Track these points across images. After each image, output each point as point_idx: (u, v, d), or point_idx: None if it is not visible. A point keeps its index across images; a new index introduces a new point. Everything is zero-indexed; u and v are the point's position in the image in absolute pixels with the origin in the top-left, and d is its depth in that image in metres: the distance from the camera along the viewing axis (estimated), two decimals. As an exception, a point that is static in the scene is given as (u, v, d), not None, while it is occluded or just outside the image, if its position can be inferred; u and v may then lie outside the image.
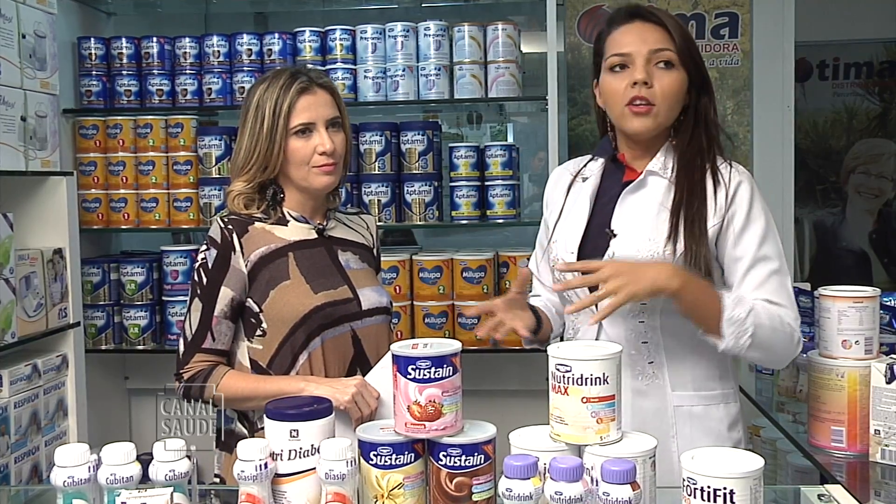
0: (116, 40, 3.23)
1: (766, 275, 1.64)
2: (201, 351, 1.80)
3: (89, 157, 3.20)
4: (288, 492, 1.33)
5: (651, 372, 1.69)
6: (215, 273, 1.80)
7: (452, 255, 3.10)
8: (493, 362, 3.20)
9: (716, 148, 1.71)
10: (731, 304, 1.58)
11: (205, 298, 1.80)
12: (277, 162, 1.82)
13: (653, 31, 1.68)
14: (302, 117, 1.81)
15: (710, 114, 1.72)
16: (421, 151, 3.09)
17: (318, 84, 1.84)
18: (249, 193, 1.85)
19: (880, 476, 1.79)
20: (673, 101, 1.67)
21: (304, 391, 1.69)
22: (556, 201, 1.86)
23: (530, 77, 3.25)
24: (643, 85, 1.65)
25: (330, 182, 1.84)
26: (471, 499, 1.29)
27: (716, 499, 1.17)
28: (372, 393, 1.69)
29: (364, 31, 3.14)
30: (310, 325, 1.79)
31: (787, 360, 1.72)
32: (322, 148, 1.80)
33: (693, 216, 1.64)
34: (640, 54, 1.66)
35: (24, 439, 2.43)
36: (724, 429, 1.70)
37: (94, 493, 1.31)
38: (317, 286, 1.81)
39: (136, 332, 3.20)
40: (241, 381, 1.78)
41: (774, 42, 3.46)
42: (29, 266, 2.51)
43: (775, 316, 1.61)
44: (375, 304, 1.89)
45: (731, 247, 1.65)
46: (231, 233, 1.81)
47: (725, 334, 1.58)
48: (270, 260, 1.81)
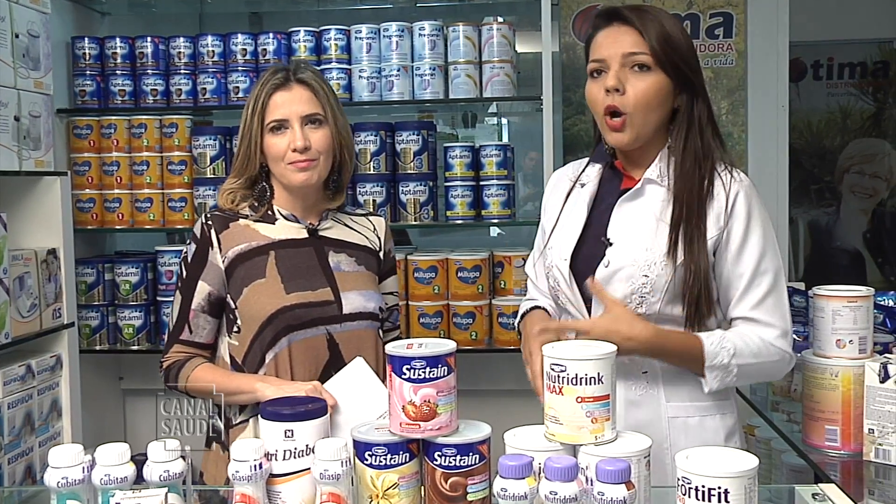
0: (111, 40, 3.23)
1: (762, 294, 1.63)
2: (179, 342, 1.85)
3: (83, 157, 3.19)
4: (283, 492, 1.32)
5: (645, 383, 1.67)
6: (193, 267, 1.85)
7: (447, 255, 3.10)
8: (488, 362, 3.20)
9: (714, 153, 1.67)
10: (711, 352, 1.59)
11: (184, 291, 1.85)
12: (256, 158, 1.85)
13: (627, 33, 1.63)
14: (275, 114, 1.82)
15: (702, 117, 1.66)
16: (416, 151, 3.09)
17: (296, 79, 1.84)
18: (238, 190, 1.88)
19: (874, 475, 1.79)
20: (648, 107, 1.62)
21: (258, 392, 1.72)
22: (554, 206, 1.82)
23: (525, 77, 3.25)
24: (615, 92, 1.61)
25: (306, 178, 1.83)
26: (466, 499, 1.28)
27: (710, 498, 1.17)
28: (326, 400, 1.64)
29: (359, 31, 3.14)
30: (276, 325, 1.79)
31: (779, 377, 1.76)
32: (294, 144, 1.81)
33: (692, 232, 1.61)
34: (615, 59, 1.62)
35: (17, 440, 2.42)
36: (720, 440, 1.68)
37: (89, 494, 1.30)
38: (291, 286, 1.82)
39: (131, 332, 3.19)
40: (207, 374, 1.81)
41: (769, 42, 3.46)
42: (23, 266, 2.50)
43: (761, 346, 1.62)
44: (359, 309, 1.86)
45: (731, 262, 1.64)
46: (210, 228, 1.85)
47: (709, 379, 1.60)
48: (248, 257, 1.83)
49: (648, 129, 1.65)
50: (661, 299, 1.62)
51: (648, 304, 1.63)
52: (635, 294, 1.63)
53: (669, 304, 1.63)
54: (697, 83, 1.67)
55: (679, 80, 1.64)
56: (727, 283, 1.65)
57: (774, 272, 1.64)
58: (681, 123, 1.67)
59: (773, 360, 1.63)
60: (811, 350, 1.97)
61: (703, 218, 1.63)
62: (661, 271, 1.61)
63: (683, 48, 1.64)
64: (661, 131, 1.69)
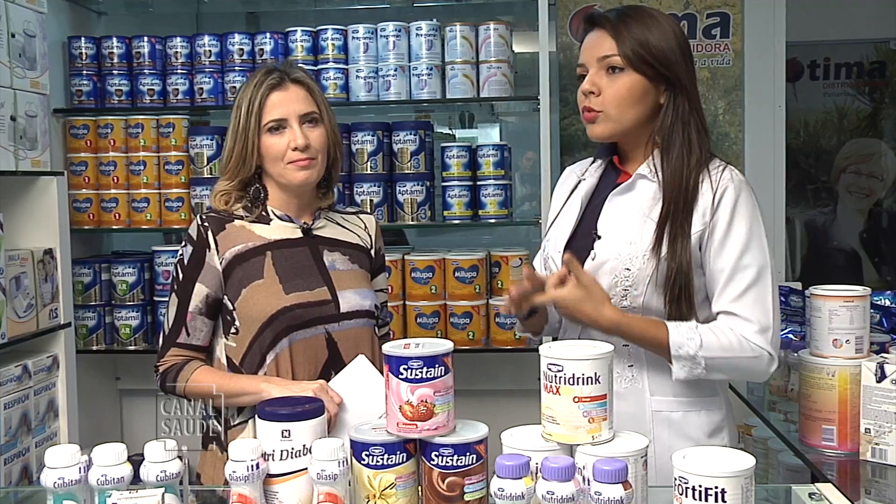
0: (107, 40, 3.22)
1: (742, 288, 1.63)
2: (176, 345, 1.83)
3: (80, 157, 3.19)
4: (280, 492, 1.32)
5: (630, 375, 1.69)
6: (190, 269, 1.83)
7: (444, 255, 3.10)
8: (485, 362, 3.20)
9: (702, 148, 1.69)
10: (677, 342, 1.60)
11: (180, 294, 1.83)
12: (253, 159, 1.84)
13: (601, 37, 1.69)
14: (273, 114, 1.82)
15: (684, 111, 1.68)
16: (413, 151, 3.09)
17: (291, 79, 1.85)
18: (231, 191, 1.87)
19: (871, 475, 1.79)
20: (623, 105, 1.67)
21: (263, 392, 1.71)
22: (559, 200, 1.88)
23: (522, 77, 3.25)
24: (590, 94, 1.69)
25: (307, 177, 1.84)
26: (463, 498, 1.28)
27: (707, 498, 1.17)
28: (333, 398, 1.67)
29: (356, 31, 3.14)
30: (277, 325, 1.79)
31: (760, 377, 1.72)
32: (294, 143, 1.81)
33: (676, 230, 1.64)
34: (591, 63, 1.70)
35: (14, 440, 2.42)
36: (702, 436, 1.68)
37: (85, 495, 1.30)
38: (290, 287, 1.81)
39: (128, 332, 3.19)
40: (208, 376, 1.79)
41: (766, 42, 3.47)
42: (19, 266, 2.50)
43: (734, 341, 1.61)
44: (356, 307, 1.87)
45: (713, 257, 1.65)
46: (206, 230, 1.83)
47: (675, 369, 1.62)
48: (246, 258, 1.82)
49: (626, 123, 1.69)
50: (644, 293, 1.65)
51: (632, 297, 1.66)
52: (619, 287, 1.66)
53: (653, 298, 1.66)
54: (678, 79, 1.68)
55: (657, 79, 1.68)
56: (710, 277, 1.67)
57: (758, 268, 1.64)
58: (664, 119, 1.70)
59: (746, 355, 1.62)
60: (808, 350, 1.98)
61: (689, 215, 1.65)
62: (643, 265, 1.64)
63: (660, 47, 1.67)
64: (649, 127, 1.72)
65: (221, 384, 1.75)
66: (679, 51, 1.69)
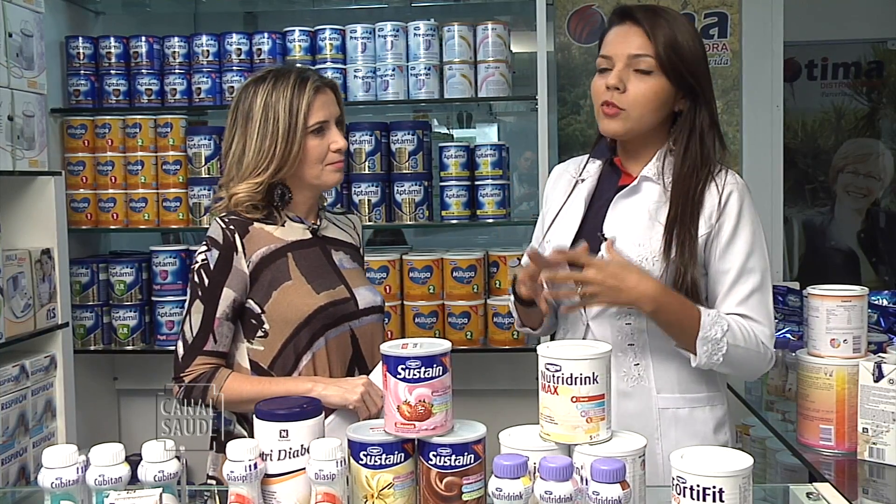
0: (105, 39, 3.22)
1: (749, 290, 1.66)
2: (203, 353, 1.76)
3: (78, 157, 3.19)
4: (278, 492, 1.32)
5: (636, 374, 1.69)
6: (217, 274, 1.78)
7: (442, 255, 3.09)
8: (483, 362, 3.20)
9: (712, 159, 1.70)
10: (708, 322, 1.60)
11: (206, 300, 1.77)
12: (295, 161, 1.81)
13: (636, 34, 1.66)
14: (318, 116, 1.82)
15: (704, 124, 1.69)
16: (411, 151, 3.09)
17: (325, 83, 1.86)
18: (256, 196, 1.82)
19: (868, 474, 1.79)
20: (646, 108, 1.66)
21: (313, 391, 1.69)
22: (554, 200, 1.85)
23: (520, 77, 3.25)
24: (615, 90, 1.66)
25: (340, 178, 1.88)
26: (461, 498, 1.28)
27: (705, 497, 1.17)
28: (377, 392, 1.68)
29: (354, 31, 3.14)
30: (313, 325, 1.79)
31: (757, 375, 1.76)
32: (336, 145, 1.83)
33: (684, 234, 1.64)
34: (620, 58, 1.67)
35: (11, 441, 2.42)
36: (709, 431, 1.71)
37: (83, 495, 1.30)
38: (318, 286, 1.82)
39: (126, 332, 3.19)
40: (245, 383, 1.75)
41: (763, 42, 3.47)
42: (17, 266, 2.50)
43: (750, 335, 1.64)
44: (371, 304, 1.90)
45: (719, 258, 1.67)
46: (233, 233, 1.79)
47: (699, 352, 1.61)
48: (272, 260, 1.80)
49: (643, 126, 1.69)
50: None
51: None
52: None
53: None
54: (701, 90, 1.69)
55: (682, 86, 1.68)
56: (714, 279, 1.68)
57: (761, 272, 1.67)
58: (682, 128, 1.70)
59: (758, 353, 1.65)
60: (806, 349, 1.98)
61: (696, 220, 1.66)
62: (652, 267, 1.64)
63: (690, 56, 1.67)
64: (659, 131, 1.72)
65: (264, 389, 1.71)
66: (704, 61, 1.70)
